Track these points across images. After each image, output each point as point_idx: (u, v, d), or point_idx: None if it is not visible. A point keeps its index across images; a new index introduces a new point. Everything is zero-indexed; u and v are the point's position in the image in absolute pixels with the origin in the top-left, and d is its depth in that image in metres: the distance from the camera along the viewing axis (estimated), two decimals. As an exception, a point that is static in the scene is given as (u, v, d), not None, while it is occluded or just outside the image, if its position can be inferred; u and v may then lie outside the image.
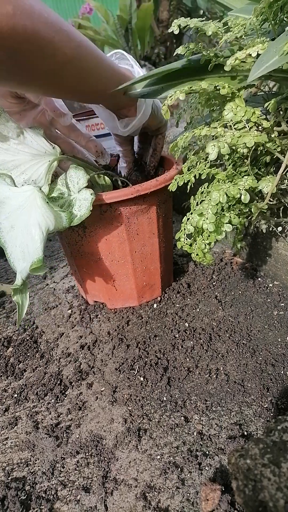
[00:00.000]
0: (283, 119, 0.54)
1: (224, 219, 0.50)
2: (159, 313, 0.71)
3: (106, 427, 0.52)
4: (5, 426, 0.55)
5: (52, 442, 0.51)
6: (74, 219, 0.55)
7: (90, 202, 0.55)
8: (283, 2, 0.47)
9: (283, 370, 0.55)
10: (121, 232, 0.64)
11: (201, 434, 0.49)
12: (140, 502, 0.43)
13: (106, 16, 2.56)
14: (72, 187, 0.58)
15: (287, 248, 0.68)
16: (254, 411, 0.50)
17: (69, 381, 0.60)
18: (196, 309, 0.71)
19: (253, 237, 0.77)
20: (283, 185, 0.55)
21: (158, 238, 0.68)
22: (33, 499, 0.45)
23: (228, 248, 0.88)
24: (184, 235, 0.53)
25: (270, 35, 0.56)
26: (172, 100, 0.52)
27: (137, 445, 0.49)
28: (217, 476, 0.44)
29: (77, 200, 0.57)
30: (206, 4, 2.51)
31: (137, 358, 0.62)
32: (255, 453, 0.31)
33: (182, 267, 0.83)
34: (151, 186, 0.61)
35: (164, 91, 0.61)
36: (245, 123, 0.49)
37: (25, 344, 0.69)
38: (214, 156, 0.46)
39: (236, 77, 0.57)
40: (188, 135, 0.54)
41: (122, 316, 0.72)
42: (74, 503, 0.44)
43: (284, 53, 0.39)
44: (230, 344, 0.62)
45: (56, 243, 1.07)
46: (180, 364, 0.59)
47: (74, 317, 0.74)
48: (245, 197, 0.48)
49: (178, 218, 1.09)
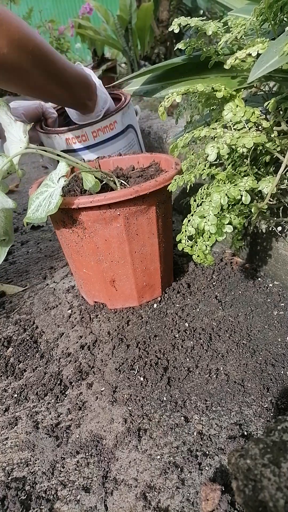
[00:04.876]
0: (283, 119, 0.54)
1: (224, 220, 0.50)
2: (159, 313, 0.71)
3: (106, 427, 0.52)
4: (5, 426, 0.55)
5: (52, 442, 0.51)
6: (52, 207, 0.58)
7: (61, 188, 0.59)
8: (283, 3, 0.47)
9: (283, 370, 0.55)
10: (120, 232, 0.64)
11: (201, 434, 0.49)
12: (140, 502, 0.43)
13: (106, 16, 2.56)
14: (55, 178, 0.60)
15: (287, 248, 0.68)
16: (254, 411, 0.50)
17: (69, 381, 0.60)
18: (196, 309, 0.71)
19: (253, 237, 0.77)
20: (283, 185, 0.55)
21: (158, 238, 0.68)
22: (33, 499, 0.45)
23: (228, 248, 0.88)
24: (185, 237, 0.53)
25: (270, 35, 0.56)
26: (169, 101, 0.52)
27: (137, 445, 0.49)
28: (217, 476, 0.44)
29: (55, 190, 0.59)
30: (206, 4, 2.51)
31: (137, 358, 0.62)
32: (255, 453, 0.31)
33: (182, 267, 0.83)
34: (150, 186, 0.61)
35: (163, 89, 0.61)
36: (245, 123, 0.49)
37: (25, 344, 0.69)
38: (214, 157, 0.46)
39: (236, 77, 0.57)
40: (187, 136, 0.54)
41: (122, 316, 0.72)
42: (74, 503, 0.44)
43: (284, 53, 0.39)
44: (230, 344, 0.62)
45: (56, 243, 1.07)
46: (180, 364, 0.59)
47: (74, 317, 0.74)
48: (245, 198, 0.48)
49: (178, 218, 1.09)
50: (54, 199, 0.58)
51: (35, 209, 0.60)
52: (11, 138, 0.61)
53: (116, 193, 0.60)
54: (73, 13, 5.99)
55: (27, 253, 1.04)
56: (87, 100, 0.89)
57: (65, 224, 0.65)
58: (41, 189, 0.61)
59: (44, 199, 0.59)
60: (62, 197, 0.58)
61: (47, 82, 0.75)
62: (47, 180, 0.61)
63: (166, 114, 0.54)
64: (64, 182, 0.59)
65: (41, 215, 0.58)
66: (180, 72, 0.61)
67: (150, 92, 0.63)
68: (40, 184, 0.63)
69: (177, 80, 0.62)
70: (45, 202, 0.59)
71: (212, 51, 0.57)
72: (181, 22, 0.56)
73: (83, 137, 0.95)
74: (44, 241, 1.10)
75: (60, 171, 0.60)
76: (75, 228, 0.64)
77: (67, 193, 0.72)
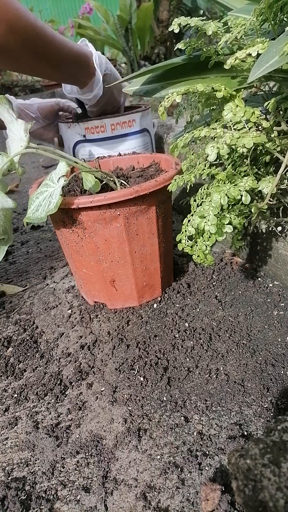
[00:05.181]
0: (283, 118, 0.54)
1: (224, 220, 0.50)
2: (159, 313, 0.71)
3: (106, 427, 0.52)
4: (5, 426, 0.55)
5: (52, 442, 0.51)
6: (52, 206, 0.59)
7: (61, 187, 0.59)
8: (283, 3, 0.48)
9: (283, 370, 0.55)
10: (120, 232, 0.64)
11: (201, 434, 0.49)
12: (140, 502, 0.43)
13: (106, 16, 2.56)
14: (55, 178, 0.60)
15: (287, 248, 0.68)
16: (254, 411, 0.50)
17: (69, 381, 0.60)
18: (196, 309, 0.71)
19: (253, 237, 0.77)
20: (283, 185, 0.55)
21: (158, 238, 0.68)
22: (33, 499, 0.45)
23: (228, 248, 0.88)
24: (185, 237, 0.53)
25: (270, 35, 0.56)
26: (169, 101, 0.52)
27: (137, 445, 0.49)
28: (217, 476, 0.44)
29: (55, 189, 0.59)
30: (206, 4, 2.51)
31: (137, 358, 0.62)
32: (255, 453, 0.31)
33: (182, 267, 0.83)
34: (150, 186, 0.61)
35: (163, 89, 0.61)
36: (245, 123, 0.49)
37: (25, 344, 0.69)
38: (214, 157, 0.46)
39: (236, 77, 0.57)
40: (187, 137, 0.54)
41: (122, 316, 0.72)
42: (74, 503, 0.44)
43: (284, 53, 0.39)
44: (230, 344, 0.62)
45: (56, 243, 1.07)
46: (180, 364, 0.59)
47: (74, 317, 0.74)
48: (245, 198, 0.48)
49: (178, 218, 1.09)
50: (54, 199, 0.58)
51: (35, 209, 0.60)
52: (12, 137, 0.61)
53: (116, 193, 0.60)
54: (73, 13, 5.99)
55: (27, 253, 1.04)
56: (84, 78, 0.87)
57: (65, 224, 0.65)
58: (41, 189, 0.61)
59: (44, 199, 0.59)
60: (62, 197, 0.58)
61: (38, 63, 0.74)
62: (47, 180, 0.61)
63: (166, 114, 0.54)
64: (64, 182, 0.59)
65: (41, 215, 0.58)
66: (180, 72, 0.62)
67: (150, 92, 0.63)
68: (40, 184, 0.63)
69: (177, 80, 0.62)
70: (45, 202, 0.59)
71: (212, 51, 0.57)
72: (181, 22, 0.56)
73: (102, 128, 0.99)
74: (44, 241, 1.10)
75: (60, 171, 0.60)
76: (75, 228, 0.64)
77: (67, 193, 0.72)
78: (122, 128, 1.00)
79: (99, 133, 1.00)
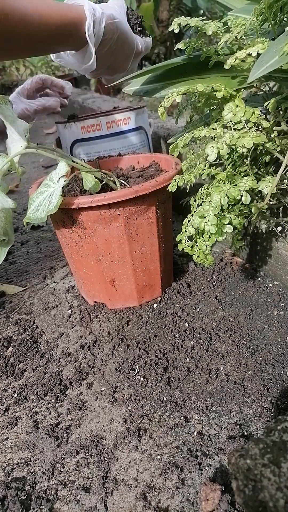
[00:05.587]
0: (283, 119, 0.54)
1: (224, 220, 0.50)
2: (159, 313, 0.71)
3: (106, 427, 0.52)
4: (5, 426, 0.55)
5: (52, 442, 0.51)
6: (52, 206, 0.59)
7: (61, 187, 0.59)
8: (283, 3, 0.48)
9: (283, 370, 0.55)
10: (120, 232, 0.64)
11: (201, 434, 0.49)
12: (140, 502, 0.43)
13: (106, 16, 2.55)
14: (55, 178, 0.61)
15: (287, 248, 0.68)
16: (254, 411, 0.50)
17: (69, 381, 0.60)
18: (196, 309, 0.71)
19: (253, 237, 0.77)
20: (283, 185, 0.55)
21: (158, 238, 0.68)
22: (33, 499, 0.45)
23: (228, 248, 0.88)
24: (185, 237, 0.53)
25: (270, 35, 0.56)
26: (169, 101, 0.52)
27: (137, 445, 0.49)
28: (217, 476, 0.44)
29: (55, 189, 0.59)
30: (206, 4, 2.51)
31: (137, 358, 0.62)
32: (255, 453, 0.31)
33: (182, 267, 0.83)
34: (150, 186, 0.61)
35: (163, 89, 0.61)
36: (245, 123, 0.49)
37: (25, 344, 0.69)
38: (214, 157, 0.46)
39: (236, 77, 0.57)
40: (187, 136, 0.54)
41: (122, 316, 0.72)
42: (74, 503, 0.44)
43: (284, 53, 0.39)
44: (230, 344, 0.62)
45: (56, 243, 1.07)
46: (180, 364, 0.59)
47: (74, 317, 0.74)
48: (245, 198, 0.48)
49: (178, 218, 1.09)
50: (54, 199, 0.58)
51: (35, 209, 0.60)
52: (13, 136, 0.61)
53: (116, 193, 0.60)
54: (73, 13, 5.98)
55: (27, 253, 1.04)
56: (75, 45, 0.73)
57: (65, 224, 0.65)
58: (41, 189, 0.61)
59: (44, 199, 0.59)
60: (62, 197, 0.58)
61: (20, 47, 0.64)
62: (47, 180, 0.61)
63: (166, 114, 0.54)
64: (64, 182, 0.59)
65: (41, 215, 0.58)
66: (180, 72, 0.62)
67: (150, 92, 0.63)
68: (40, 184, 0.63)
69: (177, 80, 0.62)
70: (45, 202, 0.59)
71: (212, 51, 0.57)
72: (181, 22, 0.56)
73: (97, 126, 0.99)
74: (44, 241, 1.10)
75: (60, 171, 0.60)
76: (75, 228, 0.64)
77: (67, 193, 0.72)
78: (117, 126, 1.00)
79: (95, 131, 1.00)
